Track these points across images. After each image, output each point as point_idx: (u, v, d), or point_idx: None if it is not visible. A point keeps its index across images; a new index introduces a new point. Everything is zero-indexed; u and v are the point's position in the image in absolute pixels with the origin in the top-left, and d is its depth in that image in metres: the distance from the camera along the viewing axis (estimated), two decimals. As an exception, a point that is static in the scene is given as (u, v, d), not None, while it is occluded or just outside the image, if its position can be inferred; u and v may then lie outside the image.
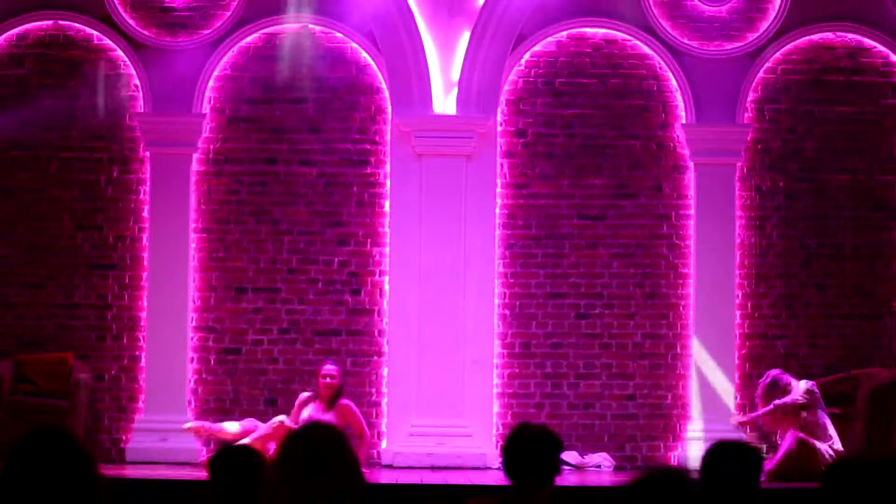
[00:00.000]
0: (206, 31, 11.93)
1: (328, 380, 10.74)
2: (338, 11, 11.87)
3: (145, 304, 11.77)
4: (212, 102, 11.95)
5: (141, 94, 11.90)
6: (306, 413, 10.68)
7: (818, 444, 10.28)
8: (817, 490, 3.30)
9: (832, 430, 10.47)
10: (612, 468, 11.54)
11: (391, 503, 8.92)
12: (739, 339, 11.89)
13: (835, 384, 11.49)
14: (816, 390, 10.61)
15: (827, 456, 10.14)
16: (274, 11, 11.91)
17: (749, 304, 11.94)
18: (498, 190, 11.91)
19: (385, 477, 10.28)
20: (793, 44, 12.05)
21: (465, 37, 11.83)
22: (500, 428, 11.62)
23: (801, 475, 9.90)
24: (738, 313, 11.89)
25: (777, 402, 10.51)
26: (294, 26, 11.92)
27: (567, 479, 10.41)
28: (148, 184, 11.85)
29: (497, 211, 11.87)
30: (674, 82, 12.01)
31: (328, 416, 10.50)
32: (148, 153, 11.87)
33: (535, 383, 11.84)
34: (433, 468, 11.13)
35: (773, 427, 10.83)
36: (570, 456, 11.45)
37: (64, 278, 11.80)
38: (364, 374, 11.81)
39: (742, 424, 11.07)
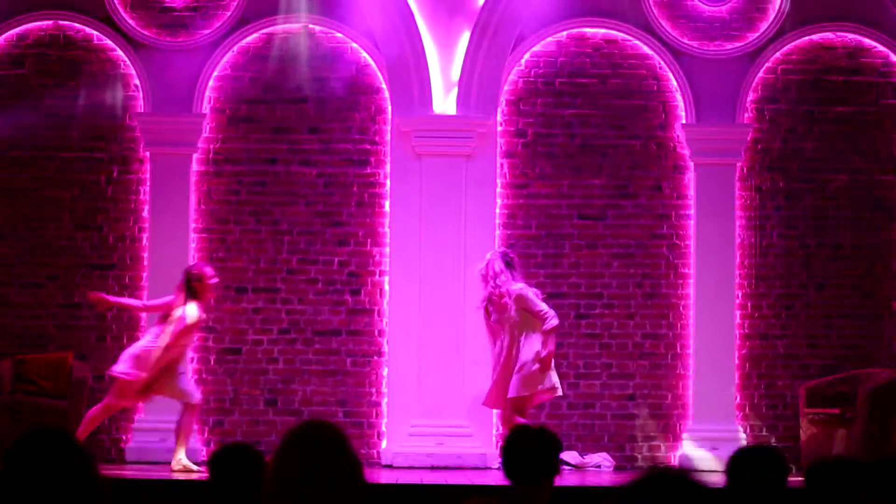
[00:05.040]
0: (206, 31, 11.94)
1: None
2: (338, 11, 11.88)
3: (145, 304, 11.77)
4: (212, 102, 11.95)
5: (141, 94, 11.90)
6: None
7: None
8: (806, 490, 3.31)
9: None
10: (612, 468, 11.54)
11: (391, 503, 8.92)
12: (739, 339, 11.89)
13: (835, 384, 11.49)
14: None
15: None
16: (274, 11, 11.91)
17: (749, 304, 11.94)
18: (498, 190, 11.91)
19: (385, 477, 10.28)
20: (793, 44, 12.05)
21: (465, 37, 11.83)
22: (500, 428, 11.62)
23: None
24: (738, 313, 11.89)
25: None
26: (294, 26, 11.92)
27: (567, 479, 10.41)
28: (148, 184, 11.86)
29: (497, 211, 11.87)
30: (674, 82, 12.02)
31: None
32: (148, 153, 11.87)
33: (535, 383, 11.82)
34: (433, 468, 11.13)
35: None
36: (570, 456, 11.45)
37: (64, 278, 11.80)
38: (364, 374, 11.81)
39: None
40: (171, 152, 11.84)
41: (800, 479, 4.65)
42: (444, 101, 11.83)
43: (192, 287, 10.28)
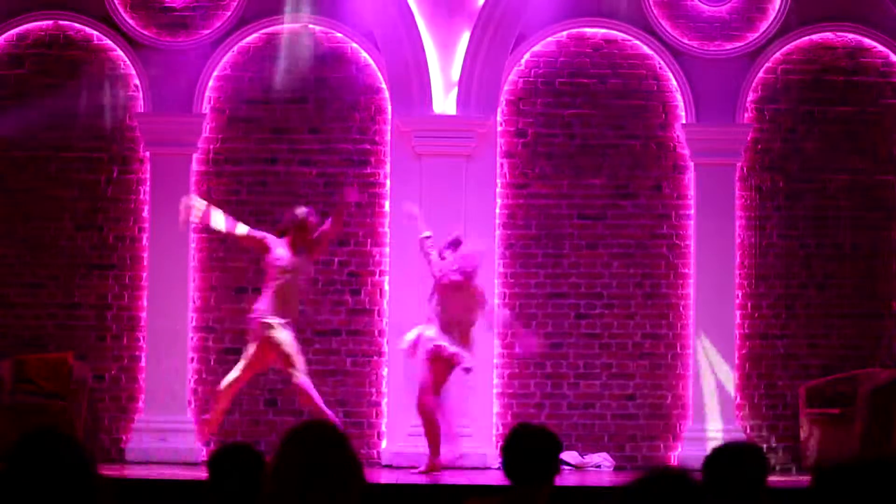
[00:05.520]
0: (206, 31, 11.93)
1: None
2: (338, 11, 11.87)
3: (145, 304, 11.77)
4: (212, 102, 11.95)
5: (141, 94, 11.90)
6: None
7: None
8: (809, 491, 3.31)
9: None
10: (612, 468, 11.54)
11: (391, 503, 8.92)
12: (739, 339, 11.89)
13: (835, 384, 11.49)
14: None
15: None
16: (274, 11, 11.91)
17: (749, 304, 11.94)
18: (498, 190, 11.91)
19: (385, 477, 10.28)
20: (793, 44, 12.05)
21: (465, 37, 11.84)
22: (500, 428, 11.62)
23: None
24: (738, 313, 11.89)
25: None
26: (294, 26, 11.91)
27: (567, 479, 10.41)
28: (148, 184, 11.86)
29: (497, 211, 11.87)
30: (674, 82, 12.01)
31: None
32: (148, 153, 11.87)
33: (535, 383, 11.84)
34: (433, 468, 11.12)
35: None
36: (570, 456, 11.45)
37: (64, 278, 11.80)
38: (364, 374, 11.80)
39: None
40: (171, 152, 11.84)
41: (802, 478, 4.64)
42: (444, 101, 11.84)
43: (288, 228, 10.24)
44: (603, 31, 12.06)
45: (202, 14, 11.97)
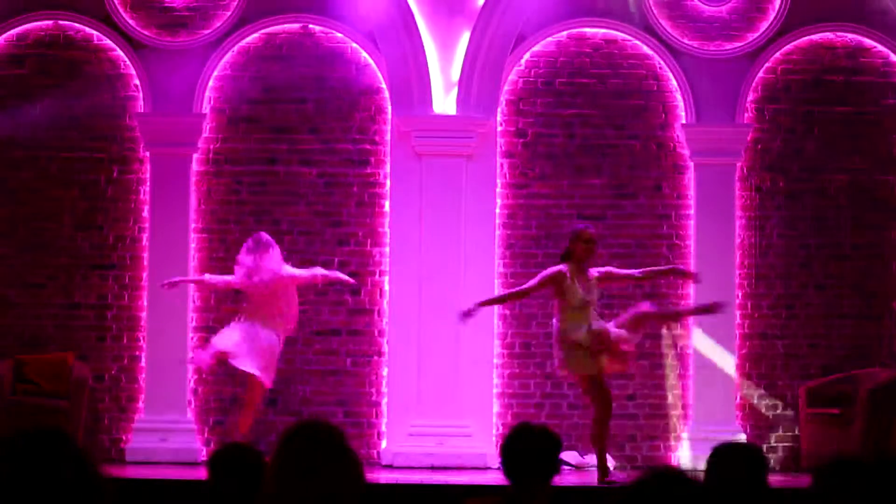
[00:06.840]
0: (206, 31, 11.94)
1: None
2: (338, 11, 11.88)
3: (145, 304, 11.77)
4: (212, 102, 11.95)
5: (141, 94, 11.90)
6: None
7: None
8: (808, 490, 3.31)
9: None
10: (612, 468, 11.52)
11: (391, 503, 8.92)
12: (739, 339, 11.89)
13: (835, 384, 11.49)
14: None
15: None
16: (274, 11, 11.92)
17: (749, 304, 11.94)
18: (498, 190, 11.91)
19: (385, 477, 10.28)
20: (793, 44, 12.05)
21: (465, 37, 11.84)
22: (500, 428, 11.62)
23: None
24: (738, 313, 11.89)
25: None
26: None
27: (567, 479, 10.41)
28: (148, 184, 11.86)
29: (497, 211, 11.87)
30: (674, 82, 12.02)
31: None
32: (148, 153, 11.87)
33: (535, 383, 11.84)
34: (433, 468, 11.14)
35: None
36: (570, 456, 11.45)
37: (64, 278, 11.80)
38: (364, 374, 11.81)
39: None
40: (171, 152, 11.84)
41: (802, 478, 4.64)
42: (444, 101, 11.84)
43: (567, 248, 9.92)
44: (603, 31, 12.06)
45: (202, 14, 11.97)
